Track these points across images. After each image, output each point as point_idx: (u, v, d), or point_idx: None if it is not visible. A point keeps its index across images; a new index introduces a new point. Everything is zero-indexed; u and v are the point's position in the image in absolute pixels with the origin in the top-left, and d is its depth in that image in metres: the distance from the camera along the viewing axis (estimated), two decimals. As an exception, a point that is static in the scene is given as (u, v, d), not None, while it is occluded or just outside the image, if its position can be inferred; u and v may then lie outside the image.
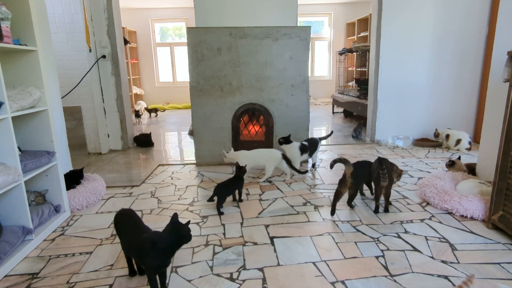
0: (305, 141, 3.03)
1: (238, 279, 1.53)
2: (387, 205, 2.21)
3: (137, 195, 2.60)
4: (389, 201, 2.24)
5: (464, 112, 4.05)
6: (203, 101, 3.23)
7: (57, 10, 3.56)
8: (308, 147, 2.98)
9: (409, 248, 1.75)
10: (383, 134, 4.06)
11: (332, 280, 1.50)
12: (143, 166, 3.41)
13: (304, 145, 2.97)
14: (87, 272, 1.61)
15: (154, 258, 1.31)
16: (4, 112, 1.69)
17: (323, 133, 4.96)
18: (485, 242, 1.79)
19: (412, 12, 3.76)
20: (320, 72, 8.82)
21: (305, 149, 2.96)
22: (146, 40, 8.31)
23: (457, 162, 2.76)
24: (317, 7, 8.25)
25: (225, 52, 3.13)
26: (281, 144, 2.94)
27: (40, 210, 2.01)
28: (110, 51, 3.78)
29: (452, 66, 3.92)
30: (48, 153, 2.07)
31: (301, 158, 2.96)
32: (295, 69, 3.19)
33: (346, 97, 5.90)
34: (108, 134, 3.97)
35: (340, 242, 1.83)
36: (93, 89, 3.79)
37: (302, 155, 2.95)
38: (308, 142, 3.00)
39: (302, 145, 2.96)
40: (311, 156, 3.06)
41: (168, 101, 8.52)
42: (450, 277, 1.50)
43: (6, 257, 1.66)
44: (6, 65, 1.94)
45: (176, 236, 1.31)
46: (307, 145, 2.98)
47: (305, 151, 2.97)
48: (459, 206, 2.09)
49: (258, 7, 3.50)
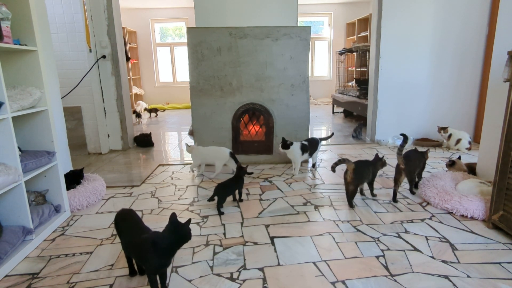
0: (305, 140, 3.06)
1: (239, 279, 1.53)
2: (411, 188, 2.49)
3: (137, 195, 2.60)
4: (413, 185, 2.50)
5: (464, 112, 4.05)
6: (203, 101, 3.23)
7: (57, 10, 3.56)
8: (309, 147, 3.00)
9: (410, 248, 1.75)
10: (383, 134, 4.06)
11: (333, 280, 1.50)
12: (143, 166, 3.41)
13: (304, 144, 2.99)
14: (88, 272, 1.61)
15: (155, 258, 1.30)
16: (4, 112, 1.69)
17: (323, 134, 4.96)
18: (485, 242, 1.79)
19: (412, 12, 3.76)
20: (320, 72, 8.82)
21: (306, 148, 2.99)
22: (146, 40, 8.31)
23: (457, 162, 2.76)
24: (317, 7, 8.26)
25: (225, 52, 3.13)
26: (283, 149, 2.95)
27: (40, 210, 2.01)
28: (110, 51, 3.78)
29: (452, 66, 3.92)
30: (48, 153, 2.07)
31: (302, 158, 2.99)
32: (295, 69, 3.19)
33: (346, 97, 5.90)
34: (108, 134, 3.97)
35: (341, 242, 1.83)
36: (93, 89, 3.79)
37: (303, 155, 2.98)
38: (308, 142, 3.03)
39: (303, 144, 2.98)
40: (311, 155, 3.08)
41: (168, 101, 8.52)
42: (450, 277, 1.50)
43: (7, 257, 1.66)
44: (7, 65, 1.94)
45: (176, 236, 1.31)
46: (307, 145, 3.00)
47: (306, 151, 3.00)
48: (459, 206, 2.08)
49: (258, 7, 3.51)
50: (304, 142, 3.02)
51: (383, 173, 2.96)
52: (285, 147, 2.92)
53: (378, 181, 2.74)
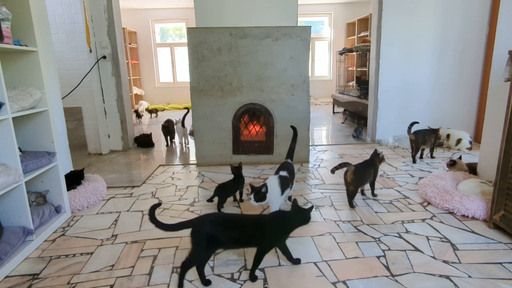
0: (282, 169, 2.10)
1: (239, 279, 1.53)
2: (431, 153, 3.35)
3: (138, 196, 2.59)
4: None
5: (465, 112, 4.05)
6: (203, 101, 3.23)
7: (58, 11, 3.56)
8: (289, 177, 2.10)
9: (411, 248, 1.75)
10: (383, 134, 4.06)
11: (333, 280, 1.50)
12: (143, 166, 3.41)
13: (283, 177, 2.02)
14: (88, 272, 1.61)
15: (280, 234, 1.51)
16: (4, 112, 1.69)
17: (324, 133, 4.94)
18: (486, 242, 1.79)
19: (412, 11, 3.76)
20: (320, 72, 8.82)
21: (286, 182, 2.03)
22: (146, 40, 8.32)
23: (458, 162, 2.76)
24: (317, 7, 8.26)
25: (225, 52, 3.13)
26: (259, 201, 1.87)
27: (40, 211, 2.01)
28: (110, 52, 3.78)
29: (452, 66, 3.92)
30: (49, 153, 2.07)
31: (282, 198, 1.99)
32: (296, 69, 3.18)
33: (347, 97, 5.90)
34: (108, 135, 3.97)
35: (341, 242, 1.83)
36: (94, 90, 3.79)
37: (282, 194, 1.98)
38: (287, 171, 2.09)
39: (281, 178, 1.99)
40: (291, 188, 2.19)
41: (168, 102, 8.52)
42: (451, 277, 1.50)
43: (7, 258, 1.66)
44: (7, 65, 1.94)
45: (301, 217, 1.53)
46: (287, 177, 2.06)
47: (287, 185, 2.03)
48: (460, 206, 2.08)
49: (258, 7, 3.50)
50: (283, 173, 2.06)
51: (383, 173, 2.95)
52: (262, 198, 1.86)
53: (379, 181, 2.73)
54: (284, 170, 2.09)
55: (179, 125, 4.19)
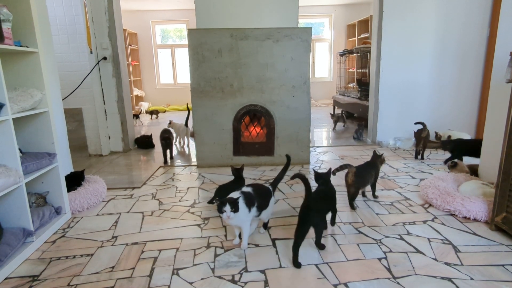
0: (248, 185, 1.87)
1: (240, 281, 1.52)
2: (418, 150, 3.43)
3: (138, 197, 2.59)
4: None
5: (466, 113, 4.04)
6: (204, 102, 3.22)
7: (58, 12, 3.56)
8: (255, 196, 1.78)
9: (412, 250, 1.74)
10: (384, 135, 4.05)
11: (335, 283, 1.49)
12: (144, 168, 3.40)
13: (247, 194, 1.75)
14: (88, 274, 1.60)
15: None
16: (5, 113, 1.69)
17: (324, 134, 4.93)
18: (488, 244, 1.78)
19: (413, 13, 3.76)
20: (321, 74, 8.83)
21: (251, 200, 1.74)
22: (147, 42, 8.32)
23: (459, 164, 2.75)
24: (317, 9, 8.26)
25: (226, 54, 3.13)
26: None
27: (41, 212, 2.01)
28: (111, 53, 3.78)
29: (453, 67, 3.91)
30: (49, 154, 2.07)
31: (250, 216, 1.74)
32: (296, 71, 3.18)
33: (347, 98, 5.90)
34: (109, 136, 3.97)
35: (342, 244, 1.82)
36: (94, 91, 3.79)
37: (250, 212, 1.72)
38: (253, 189, 1.82)
39: (244, 195, 1.73)
40: (261, 211, 1.81)
41: (169, 103, 8.52)
42: (453, 279, 1.49)
43: (7, 260, 1.65)
44: (7, 66, 1.94)
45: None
46: (251, 194, 1.77)
47: (252, 204, 1.74)
48: (461, 207, 2.07)
49: (259, 9, 3.51)
50: (247, 189, 1.81)
51: (384, 175, 2.94)
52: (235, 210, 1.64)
53: (380, 183, 2.73)
54: (250, 186, 1.86)
55: (182, 125, 4.24)
